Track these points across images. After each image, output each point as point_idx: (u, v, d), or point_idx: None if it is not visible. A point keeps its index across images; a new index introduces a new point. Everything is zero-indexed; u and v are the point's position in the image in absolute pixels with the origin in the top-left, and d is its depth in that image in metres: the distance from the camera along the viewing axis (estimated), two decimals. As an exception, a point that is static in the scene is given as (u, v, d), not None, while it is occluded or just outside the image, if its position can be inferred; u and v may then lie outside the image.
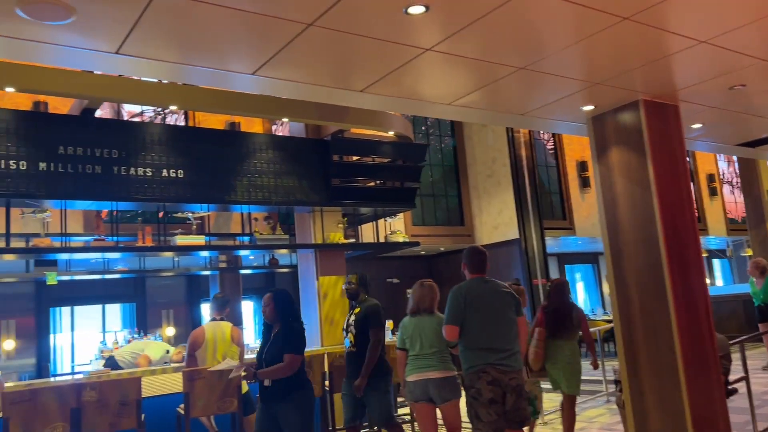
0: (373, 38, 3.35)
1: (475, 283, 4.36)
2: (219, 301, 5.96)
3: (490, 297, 4.29)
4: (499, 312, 4.26)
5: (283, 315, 4.57)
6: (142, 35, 3.09)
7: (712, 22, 3.55)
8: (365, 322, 5.21)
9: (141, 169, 6.19)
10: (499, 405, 4.09)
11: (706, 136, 6.19)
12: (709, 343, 4.62)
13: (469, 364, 4.20)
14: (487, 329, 4.21)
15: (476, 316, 4.21)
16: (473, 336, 4.20)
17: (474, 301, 4.24)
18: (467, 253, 4.47)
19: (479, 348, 4.18)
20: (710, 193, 16.89)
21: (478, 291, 4.30)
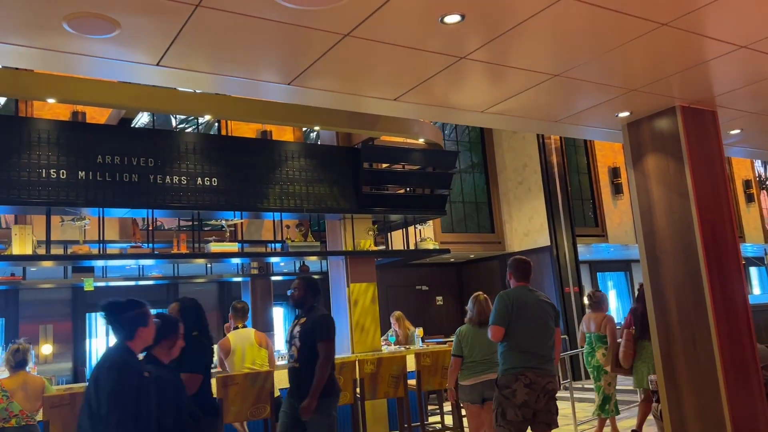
0: (408, 47, 3.37)
1: (520, 290, 4.56)
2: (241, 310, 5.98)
3: (534, 305, 4.50)
4: (541, 320, 4.48)
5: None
6: (182, 48, 3.15)
7: (752, 26, 3.49)
8: (311, 334, 4.49)
9: (176, 178, 6.29)
10: (529, 409, 4.28)
11: (744, 141, 6.07)
12: (750, 354, 4.52)
13: (510, 365, 4.37)
14: (529, 334, 4.40)
15: (520, 320, 4.41)
16: (516, 339, 4.40)
17: (519, 307, 4.45)
18: (513, 263, 4.65)
19: (521, 351, 4.38)
20: (747, 200, 16.51)
21: (524, 298, 4.50)
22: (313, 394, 4.36)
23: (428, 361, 6.63)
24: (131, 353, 2.90)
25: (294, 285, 4.66)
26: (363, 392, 6.21)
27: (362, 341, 7.52)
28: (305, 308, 4.64)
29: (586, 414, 8.10)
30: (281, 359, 7.83)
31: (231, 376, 5.46)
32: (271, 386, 5.54)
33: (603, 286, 16.57)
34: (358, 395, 6.24)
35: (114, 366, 2.76)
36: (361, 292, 7.68)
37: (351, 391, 6.10)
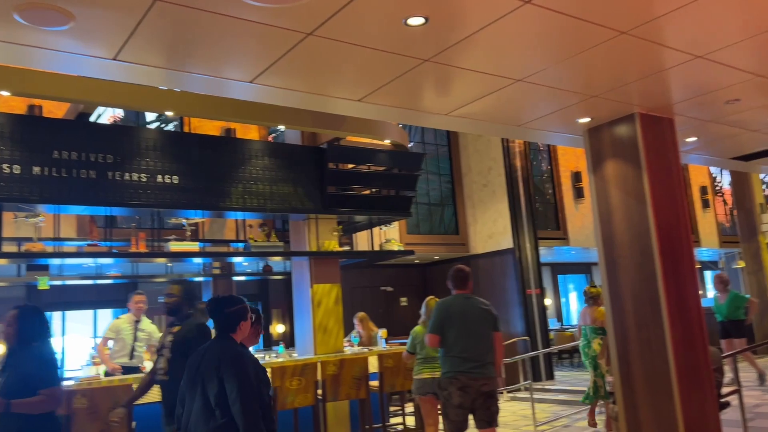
0: (372, 48, 3.36)
1: (456, 298, 4.86)
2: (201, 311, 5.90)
3: (469, 312, 4.78)
4: (475, 326, 4.74)
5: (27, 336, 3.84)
6: (140, 42, 3.08)
7: (708, 37, 3.57)
8: (185, 345, 4.07)
9: (136, 175, 6.15)
10: (466, 409, 4.63)
11: (700, 149, 6.23)
12: (702, 356, 4.63)
13: (445, 369, 4.74)
14: (462, 340, 4.69)
15: (454, 328, 4.71)
16: (450, 345, 4.72)
17: (454, 314, 4.75)
18: (452, 272, 4.95)
19: (455, 356, 4.69)
20: (703, 205, 16.97)
21: (459, 306, 4.80)
22: None
23: (391, 363, 6.64)
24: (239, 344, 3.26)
25: (168, 290, 4.32)
26: (325, 394, 6.18)
27: (325, 342, 7.48)
28: (180, 316, 4.31)
29: (546, 415, 8.21)
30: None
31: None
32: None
33: (564, 288, 16.84)
34: (319, 397, 6.21)
35: (237, 356, 3.12)
36: (325, 293, 7.63)
37: (313, 393, 6.06)
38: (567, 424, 7.66)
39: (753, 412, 6.95)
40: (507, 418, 8.49)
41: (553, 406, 8.95)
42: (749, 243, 12.76)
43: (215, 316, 3.31)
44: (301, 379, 5.98)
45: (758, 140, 6.00)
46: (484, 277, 11.63)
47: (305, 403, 6.02)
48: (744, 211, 12.92)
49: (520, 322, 10.82)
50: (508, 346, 10.44)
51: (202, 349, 3.27)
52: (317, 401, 6.17)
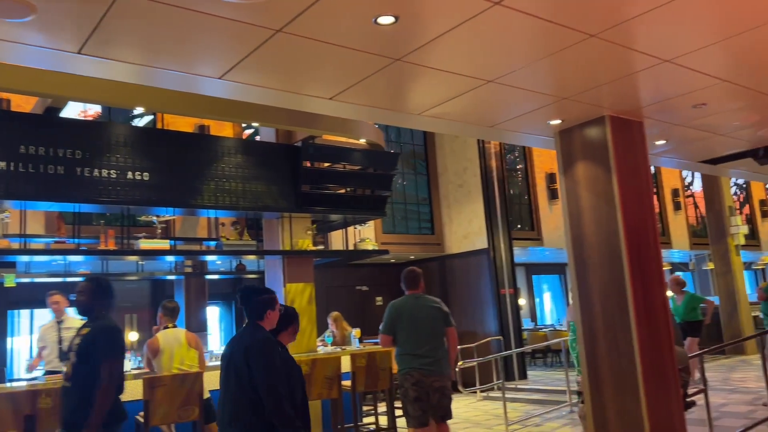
0: (342, 46, 3.35)
1: (408, 299, 5.13)
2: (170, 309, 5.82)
3: (419, 311, 5.05)
4: (425, 324, 5.02)
5: None
6: (105, 36, 3.03)
7: (676, 42, 3.62)
8: (92, 348, 3.79)
9: (105, 171, 6.06)
10: (424, 402, 4.88)
11: (670, 152, 6.32)
12: (668, 356, 4.69)
13: (400, 367, 5.03)
14: (413, 338, 4.99)
15: (406, 327, 5.00)
16: (402, 344, 5.02)
17: (404, 314, 5.03)
18: (404, 274, 5.23)
19: (408, 353, 4.98)
20: (674, 208, 17.24)
21: (409, 306, 5.08)
22: (91, 424, 3.65)
23: (363, 362, 6.62)
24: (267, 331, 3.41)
25: (79, 288, 4.04)
26: (295, 393, 6.14)
27: (297, 342, 7.43)
28: (91, 316, 4.00)
29: (518, 414, 8.27)
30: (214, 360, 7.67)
31: (158, 377, 5.31)
32: (200, 388, 5.42)
33: (538, 289, 16.98)
34: (290, 396, 6.18)
35: (265, 342, 3.29)
36: (298, 293, 7.60)
37: (283, 393, 6.02)
38: (538, 423, 7.73)
39: (718, 411, 7.08)
40: (479, 417, 8.54)
41: (526, 405, 9.02)
42: (718, 245, 13.00)
43: (246, 305, 3.48)
44: (272, 378, 5.94)
45: (725, 144, 6.11)
46: (459, 277, 11.67)
47: (276, 402, 5.98)
48: (714, 213, 13.16)
49: (493, 322, 10.88)
50: (482, 345, 10.50)
51: (233, 338, 3.46)
52: (288, 401, 6.13)
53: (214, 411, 5.76)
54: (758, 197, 20.28)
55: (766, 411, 6.55)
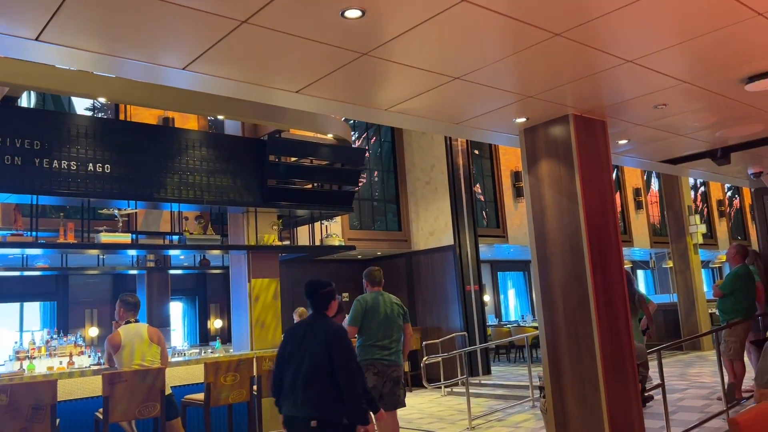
0: (309, 39, 3.32)
1: (372, 295, 5.60)
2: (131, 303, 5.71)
3: (382, 306, 5.52)
4: (389, 319, 5.49)
5: None
6: (64, 22, 2.95)
7: (638, 42, 3.69)
8: None
9: (65, 162, 5.92)
10: (378, 391, 5.27)
11: (632, 151, 6.45)
12: (627, 351, 4.79)
13: (362, 357, 5.39)
14: (378, 331, 5.44)
15: (371, 320, 5.46)
16: (367, 336, 5.45)
17: (369, 309, 5.48)
18: (367, 272, 5.72)
19: (371, 345, 5.40)
20: (636, 207, 17.61)
21: (375, 301, 5.54)
22: None
23: (328, 358, 6.61)
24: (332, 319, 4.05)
25: None
26: (260, 389, 6.11)
27: (262, 338, 7.40)
28: None
29: (482, 409, 8.36)
30: (177, 356, 7.57)
31: (118, 373, 5.22)
32: (161, 384, 5.34)
33: (503, 285, 17.18)
34: (255, 393, 6.13)
35: (341, 330, 3.99)
36: (263, 288, 7.55)
37: (248, 389, 5.98)
38: (501, 417, 7.82)
39: (675, 405, 7.26)
40: (443, 412, 8.60)
41: (489, 400, 9.12)
42: (677, 243, 13.31)
43: (311, 297, 4.07)
44: (236, 374, 5.89)
45: (685, 144, 6.25)
46: (425, 274, 11.73)
47: (240, 399, 5.93)
48: (673, 212, 13.47)
49: (458, 318, 10.97)
50: (447, 341, 10.58)
51: (303, 323, 4.05)
52: (252, 397, 6.09)
53: (176, 407, 5.70)
54: (716, 197, 20.85)
55: (720, 405, 6.74)
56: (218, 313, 12.36)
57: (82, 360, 7.21)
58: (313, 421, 3.73)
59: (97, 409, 5.44)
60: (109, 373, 5.18)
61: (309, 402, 3.76)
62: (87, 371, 5.93)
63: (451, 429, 7.47)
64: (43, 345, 7.62)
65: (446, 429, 7.49)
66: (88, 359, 7.32)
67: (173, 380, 6.23)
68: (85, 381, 5.86)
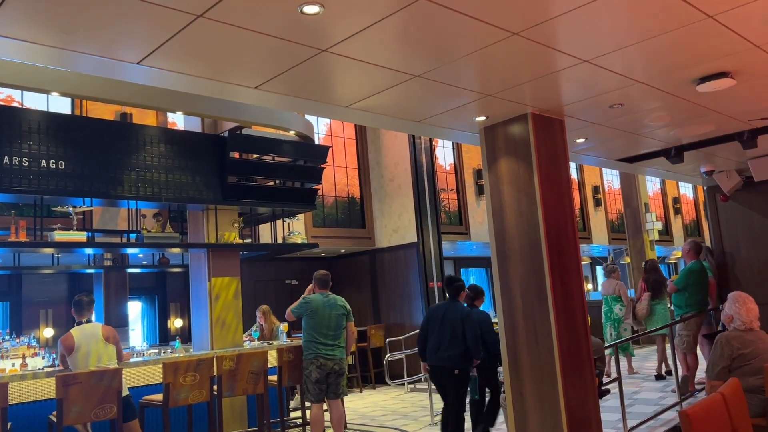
0: (267, 35, 3.28)
1: (318, 296, 6.35)
2: (84, 303, 5.59)
3: (326, 306, 6.28)
4: (331, 317, 6.25)
5: None
6: (12, 13, 2.85)
7: (594, 43, 3.75)
8: None
9: (16, 158, 5.75)
10: (323, 383, 6.14)
11: (589, 150, 6.57)
12: (584, 346, 4.89)
13: (306, 352, 6.23)
14: (320, 329, 6.19)
15: (315, 318, 6.20)
16: (311, 333, 6.19)
17: (315, 308, 6.23)
18: (315, 275, 6.46)
19: (314, 341, 6.18)
20: (595, 204, 17.96)
21: (320, 302, 6.28)
22: None
23: (290, 356, 6.57)
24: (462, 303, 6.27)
25: None
26: (220, 389, 6.03)
27: (222, 337, 7.30)
28: None
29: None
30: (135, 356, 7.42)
31: (73, 375, 5.09)
32: (118, 385, 5.23)
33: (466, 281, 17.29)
34: (215, 392, 6.05)
35: (470, 312, 6.10)
36: (224, 287, 7.45)
37: (208, 389, 5.90)
38: (463, 413, 7.88)
39: (632, 398, 7.44)
40: (406, 408, 8.64)
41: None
42: (635, 240, 13.64)
43: (449, 287, 6.23)
44: (196, 374, 5.80)
45: (641, 143, 6.40)
46: (389, 270, 11.75)
47: (199, 399, 5.85)
48: (630, 209, 13.78)
49: (422, 315, 11.01)
50: (411, 338, 10.62)
51: (443, 305, 6.19)
52: (213, 397, 6.01)
53: (134, 408, 5.59)
54: (671, 195, 21.41)
55: (675, 397, 6.93)
56: (178, 313, 12.16)
57: (36, 362, 7.01)
58: (456, 371, 5.88)
59: (51, 412, 5.30)
60: (63, 374, 5.05)
61: (452, 358, 5.87)
62: (40, 373, 5.77)
63: (414, 425, 7.50)
64: (-6, 346, 7.38)
65: (409, 425, 7.52)
66: (42, 361, 7.12)
67: (131, 381, 6.11)
68: (38, 383, 5.69)
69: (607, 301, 9.21)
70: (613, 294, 9.14)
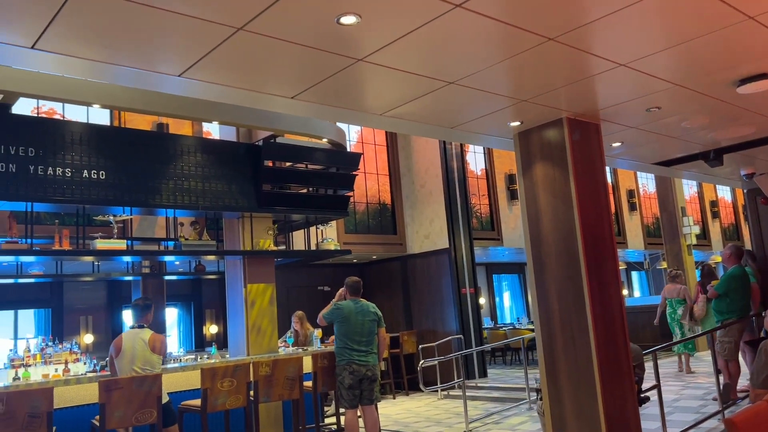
0: (304, 46, 3.34)
1: (350, 302, 6.39)
2: (139, 308, 5.77)
3: (358, 313, 6.31)
4: (363, 324, 6.28)
5: None
6: (60, 31, 2.95)
7: (631, 46, 3.72)
8: None
9: (60, 169, 5.91)
10: (356, 389, 6.17)
11: (625, 154, 6.49)
12: (623, 352, 4.82)
13: (339, 358, 6.28)
14: (352, 335, 6.23)
15: (347, 325, 6.25)
16: (344, 339, 6.24)
17: (347, 314, 6.28)
18: (347, 282, 6.52)
19: (347, 347, 6.22)
20: (630, 208, 17.68)
21: (351, 308, 6.32)
22: None
23: (325, 363, 6.61)
24: None
25: None
26: (257, 395, 6.10)
27: (258, 343, 7.38)
28: None
29: (478, 412, 8.37)
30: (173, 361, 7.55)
31: (115, 380, 5.22)
32: (158, 390, 5.33)
33: (498, 288, 17.21)
34: (251, 398, 6.12)
35: None
36: (259, 293, 7.53)
37: (245, 394, 5.97)
38: (498, 420, 7.84)
39: (671, 406, 7.30)
40: (440, 415, 8.61)
41: (486, 403, 9.13)
42: (671, 244, 13.38)
43: None
44: (233, 380, 5.88)
45: (678, 146, 6.30)
46: (420, 277, 11.74)
47: (237, 404, 5.92)
48: (667, 213, 13.54)
49: (454, 321, 10.99)
50: (443, 344, 10.59)
51: None
52: (249, 402, 6.08)
53: (173, 413, 5.69)
54: (709, 198, 20.96)
55: (716, 405, 6.77)
56: (213, 319, 12.33)
57: (78, 367, 7.17)
58: None
59: (93, 417, 5.43)
60: (105, 380, 5.17)
61: None
62: (83, 378, 5.91)
63: (449, 432, 7.48)
64: (38, 352, 7.58)
65: (443, 432, 7.50)
66: (84, 366, 7.29)
67: (169, 386, 6.22)
68: (81, 388, 5.84)
69: (671, 304, 9.85)
70: (677, 297, 9.74)
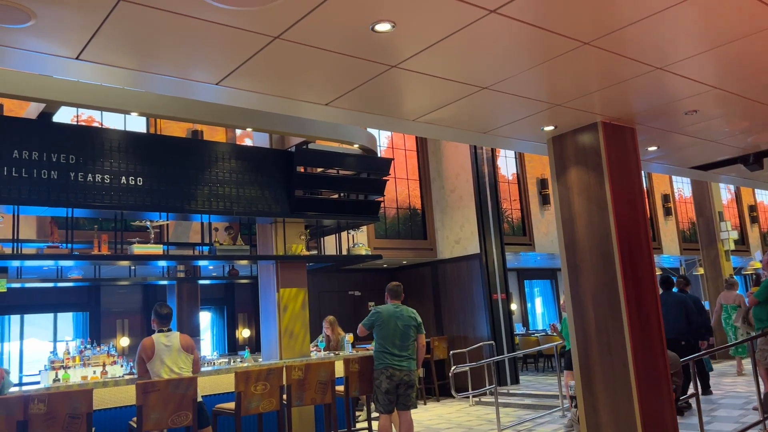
0: (339, 53, 3.37)
1: (389, 306, 6.32)
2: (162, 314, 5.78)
3: (397, 317, 6.23)
4: (401, 329, 6.19)
5: None
6: (103, 42, 3.04)
7: (668, 50, 3.67)
8: None
9: (99, 176, 6.06)
10: (393, 394, 6.07)
11: (661, 158, 6.39)
12: (661, 360, 4.74)
13: (377, 362, 6.20)
14: (390, 339, 6.15)
15: (385, 329, 6.17)
16: (382, 343, 6.17)
17: (386, 318, 6.20)
18: (388, 287, 6.49)
19: (385, 352, 6.14)
20: (665, 213, 17.36)
21: (390, 312, 6.26)
22: None
23: (357, 367, 6.63)
24: None
25: None
26: (290, 398, 6.14)
27: (290, 347, 7.44)
28: None
29: (511, 419, 8.29)
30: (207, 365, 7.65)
31: (152, 383, 5.30)
32: (193, 393, 5.41)
33: (529, 294, 17.04)
34: (284, 401, 6.17)
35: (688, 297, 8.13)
36: (291, 298, 7.60)
37: (278, 398, 6.02)
38: (531, 427, 7.76)
39: (710, 416, 7.13)
40: (471, 422, 8.55)
41: (518, 410, 9.04)
42: (708, 250, 13.10)
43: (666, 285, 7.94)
44: (266, 384, 5.93)
45: (716, 150, 6.18)
46: (451, 282, 11.70)
47: (270, 408, 5.97)
48: (703, 218, 13.26)
49: (486, 327, 10.92)
50: (475, 350, 10.54)
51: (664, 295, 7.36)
52: (282, 406, 6.13)
53: (207, 416, 5.76)
54: (747, 203, 20.46)
55: (756, 415, 6.60)
56: (246, 323, 12.47)
57: (115, 369, 7.33)
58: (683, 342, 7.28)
59: (130, 418, 5.53)
60: (142, 382, 5.27)
61: None
62: (120, 381, 6.03)
63: (481, 439, 7.42)
64: (77, 355, 7.76)
65: (475, 439, 7.45)
66: (121, 369, 7.44)
67: (203, 389, 6.31)
68: (118, 390, 5.95)
69: (727, 309, 10.38)
70: (733, 303, 10.21)
